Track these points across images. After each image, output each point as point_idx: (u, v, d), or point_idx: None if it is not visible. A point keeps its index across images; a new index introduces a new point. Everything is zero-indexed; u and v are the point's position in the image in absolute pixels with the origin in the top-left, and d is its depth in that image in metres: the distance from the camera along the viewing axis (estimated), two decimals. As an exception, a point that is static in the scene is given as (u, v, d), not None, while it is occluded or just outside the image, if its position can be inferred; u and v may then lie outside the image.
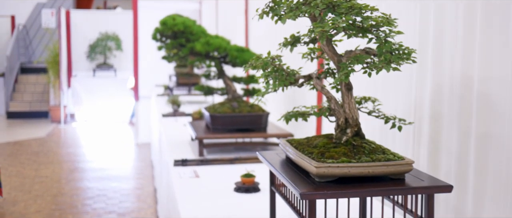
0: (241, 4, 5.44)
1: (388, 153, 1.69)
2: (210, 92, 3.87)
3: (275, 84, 1.79)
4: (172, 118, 4.94)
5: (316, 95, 3.31)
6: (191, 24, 3.61)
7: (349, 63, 1.65)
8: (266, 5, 1.85)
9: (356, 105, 1.78)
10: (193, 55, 3.69)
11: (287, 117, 1.96)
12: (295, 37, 1.89)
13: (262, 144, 3.42)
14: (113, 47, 12.42)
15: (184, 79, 6.44)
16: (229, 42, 3.78)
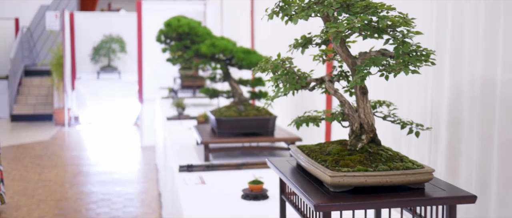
0: (246, 5, 5.35)
1: (407, 160, 1.60)
2: (216, 95, 3.78)
3: (285, 88, 1.70)
4: (177, 121, 4.86)
5: (325, 98, 3.21)
6: (196, 26, 3.52)
7: (365, 65, 1.56)
8: (276, 5, 1.75)
9: (371, 110, 1.69)
10: (198, 58, 3.60)
11: (297, 122, 1.86)
12: (307, 38, 1.79)
13: (269, 149, 3.32)
14: (117, 50, 12.35)
15: (189, 82, 6.36)
16: (235, 44, 3.69)
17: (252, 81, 3.75)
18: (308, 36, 1.81)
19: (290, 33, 3.90)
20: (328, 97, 3.16)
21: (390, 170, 1.52)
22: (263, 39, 4.85)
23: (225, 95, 3.75)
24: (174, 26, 3.54)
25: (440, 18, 1.96)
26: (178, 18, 3.62)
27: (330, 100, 3.15)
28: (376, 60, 1.55)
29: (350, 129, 1.72)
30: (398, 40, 1.54)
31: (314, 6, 1.61)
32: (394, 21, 1.54)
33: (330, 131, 3.18)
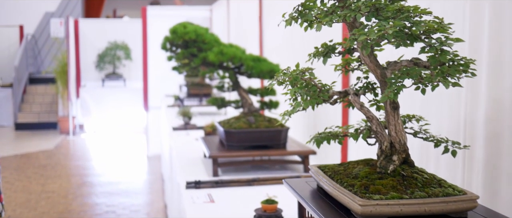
0: (254, 11, 5.17)
1: (445, 185, 1.41)
2: (224, 105, 3.59)
3: (306, 102, 1.51)
4: (183, 131, 4.67)
5: (340, 109, 3.02)
6: (203, 32, 3.34)
7: (398, 78, 1.37)
8: (294, 10, 1.57)
9: (403, 127, 1.50)
10: (206, 66, 3.42)
11: (318, 139, 1.68)
12: (328, 47, 1.61)
13: (281, 162, 3.13)
14: (122, 57, 12.19)
15: (195, 90, 6.18)
16: (244, 51, 3.51)
17: (263, 91, 3.56)
18: (330, 44, 1.61)
19: (301, 40, 3.72)
20: (344, 109, 2.98)
21: (429, 197, 1.33)
22: (273, 46, 4.67)
23: (234, 105, 3.57)
24: (180, 33, 3.36)
25: (475, 22, 1.77)
26: (184, 24, 3.44)
27: (347, 112, 2.96)
28: (411, 72, 1.36)
29: (378, 148, 1.54)
30: (435, 48, 1.35)
31: (339, 11, 1.42)
32: (430, 26, 1.36)
33: (347, 144, 2.99)
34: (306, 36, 3.61)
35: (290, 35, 3.99)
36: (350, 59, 1.69)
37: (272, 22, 4.62)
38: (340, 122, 3.05)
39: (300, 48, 3.76)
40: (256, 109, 3.36)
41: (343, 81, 2.94)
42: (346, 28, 2.87)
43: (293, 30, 3.99)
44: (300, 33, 3.74)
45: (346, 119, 3.00)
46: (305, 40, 3.64)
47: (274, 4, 4.58)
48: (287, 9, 1.57)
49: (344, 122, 2.99)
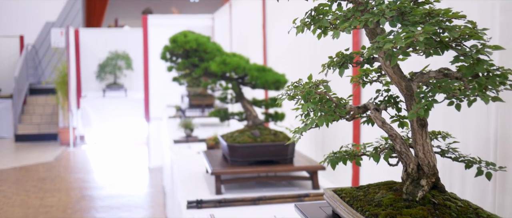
0: (258, 19, 5.01)
1: (483, 214, 1.22)
2: (227, 117, 3.41)
3: (320, 119, 1.33)
4: (185, 144, 4.49)
5: (350, 123, 2.84)
6: (204, 41, 3.17)
7: (428, 92, 1.19)
8: (307, 15, 1.39)
9: (432, 147, 1.31)
10: (208, 76, 3.24)
11: (332, 160, 1.49)
12: (345, 56, 1.42)
13: (288, 178, 2.95)
14: (123, 66, 12.03)
15: (197, 100, 6.01)
16: (248, 60, 3.34)
17: (267, 102, 3.38)
18: (347, 53, 1.44)
19: (308, 48, 3.54)
20: (355, 122, 2.79)
21: (466, 230, 1.15)
22: (277, 55, 4.49)
23: (238, 118, 3.39)
24: (180, 42, 3.18)
25: (507, 21, 1.58)
26: (185, 33, 3.27)
27: (357, 125, 2.78)
28: (444, 85, 1.18)
29: (403, 170, 1.35)
30: (470, 57, 1.17)
31: (359, 15, 1.24)
32: (464, 32, 1.18)
33: (359, 159, 2.80)
34: (313, 44, 3.44)
35: (296, 43, 3.82)
36: (368, 70, 1.51)
37: (276, 30, 4.45)
38: (350, 133, 2.87)
39: (306, 57, 3.58)
40: (261, 121, 3.18)
41: (354, 94, 2.76)
42: (357, 35, 2.70)
43: (299, 38, 3.82)
44: (306, 41, 3.56)
45: (357, 130, 2.82)
46: (312, 49, 3.46)
47: (278, 11, 4.41)
48: (292, 16, 1.42)
49: (356, 134, 2.80)
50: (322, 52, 3.23)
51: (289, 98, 1.40)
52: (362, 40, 2.63)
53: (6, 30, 13.70)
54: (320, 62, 3.34)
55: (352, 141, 2.84)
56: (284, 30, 4.17)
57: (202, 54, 3.20)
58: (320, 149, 3.37)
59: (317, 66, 3.34)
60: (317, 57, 3.35)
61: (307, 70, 3.57)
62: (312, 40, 3.47)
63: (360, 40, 2.64)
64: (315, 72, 3.44)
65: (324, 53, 3.21)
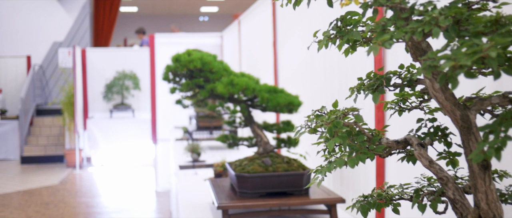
0: (268, 36, 4.73)
1: None
2: (235, 143, 3.12)
3: (351, 159, 1.03)
4: (191, 170, 4.20)
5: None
6: (210, 60, 2.89)
7: (498, 125, 0.89)
8: (332, 25, 1.11)
9: (497, 194, 1.01)
10: (214, 98, 2.96)
11: (364, 206, 1.20)
12: (380, 78, 1.13)
13: (304, 212, 2.65)
14: (131, 86, 11.79)
15: (205, 122, 5.73)
16: (258, 81, 3.06)
17: (279, 126, 3.09)
18: (385, 74, 1.14)
19: (323, 67, 3.26)
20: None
21: None
22: (289, 75, 4.21)
23: (247, 143, 3.10)
24: (183, 61, 2.91)
25: None
26: (189, 51, 3.00)
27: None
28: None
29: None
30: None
31: (402, 24, 0.95)
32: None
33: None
34: (329, 62, 3.15)
35: (310, 62, 3.54)
36: (407, 94, 1.21)
37: (288, 48, 4.18)
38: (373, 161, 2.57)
39: (322, 77, 3.29)
40: (272, 147, 2.89)
41: (377, 119, 2.47)
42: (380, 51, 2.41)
43: (313, 56, 3.54)
44: (321, 59, 3.28)
45: (383, 163, 2.52)
46: (327, 68, 3.18)
47: (290, 28, 4.14)
48: (304, 32, 1.20)
49: (379, 163, 2.50)
50: (339, 72, 2.95)
51: (311, 131, 1.11)
52: (386, 57, 2.34)
53: (14, 50, 13.54)
54: (337, 82, 3.06)
55: (376, 169, 2.54)
56: (297, 47, 3.89)
57: (207, 74, 2.93)
58: (339, 178, 3.07)
59: (333, 87, 3.05)
60: (333, 78, 3.06)
61: (323, 91, 3.28)
62: (327, 59, 3.18)
63: (384, 58, 2.35)
64: (332, 93, 3.15)
65: (341, 73, 2.92)
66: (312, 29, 3.51)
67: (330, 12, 3.17)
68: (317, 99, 3.37)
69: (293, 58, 4.02)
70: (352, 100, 1.27)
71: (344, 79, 2.87)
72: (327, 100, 3.19)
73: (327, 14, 3.22)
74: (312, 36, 3.26)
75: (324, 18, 3.29)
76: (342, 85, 2.91)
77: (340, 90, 2.94)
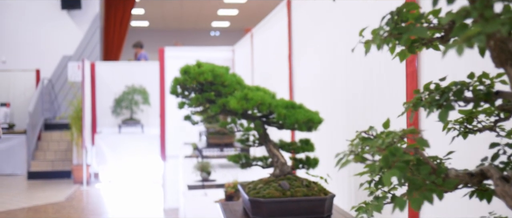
0: (283, 49, 4.48)
1: None
2: (249, 164, 2.85)
3: (415, 200, 0.76)
4: (200, 191, 3.94)
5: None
6: (222, 72, 2.64)
7: None
8: (385, 21, 0.84)
9: None
10: (226, 114, 2.70)
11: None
12: (443, 90, 0.86)
13: (325, 242, 2.37)
14: (140, 101, 11.56)
15: (215, 139, 5.47)
16: (274, 95, 2.79)
17: (296, 145, 2.82)
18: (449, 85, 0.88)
19: (345, 79, 2.99)
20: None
21: None
22: (305, 89, 3.94)
23: (261, 164, 2.83)
24: (193, 73, 2.66)
25: None
26: (199, 63, 2.74)
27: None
28: None
29: None
30: None
31: (491, 15, 0.69)
32: None
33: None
34: (351, 74, 2.89)
35: (330, 75, 3.27)
36: (477, 112, 0.94)
37: (305, 60, 3.92)
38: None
39: (343, 91, 3.03)
40: (290, 169, 2.62)
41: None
42: (414, 61, 2.15)
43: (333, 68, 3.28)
44: (342, 71, 3.01)
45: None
46: (350, 80, 2.91)
47: (306, 40, 3.89)
48: (323, 44, 0.97)
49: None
50: (364, 85, 2.68)
51: (357, 159, 0.84)
52: (421, 63, 2.07)
53: (23, 63, 13.40)
54: (361, 97, 2.79)
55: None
56: (314, 60, 3.63)
57: (219, 87, 2.67)
58: (361, 198, 2.78)
59: (357, 103, 2.78)
60: (357, 92, 2.79)
61: (344, 107, 3.01)
62: (349, 71, 2.92)
63: (419, 65, 2.08)
64: (355, 109, 2.87)
65: (367, 86, 2.65)
66: (331, 40, 3.26)
67: (350, 24, 2.91)
68: (337, 115, 3.10)
69: (310, 71, 3.76)
70: (376, 117, 1.00)
71: (370, 94, 2.60)
72: (350, 117, 2.92)
73: (346, 25, 2.96)
74: (330, 48, 2.94)
75: (343, 30, 3.03)
76: (368, 101, 2.64)
77: (365, 106, 2.67)
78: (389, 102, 2.36)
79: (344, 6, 2.98)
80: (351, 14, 2.86)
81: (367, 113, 2.64)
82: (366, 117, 2.65)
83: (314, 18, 3.65)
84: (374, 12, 2.57)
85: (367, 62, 2.63)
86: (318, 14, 3.54)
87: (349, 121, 2.92)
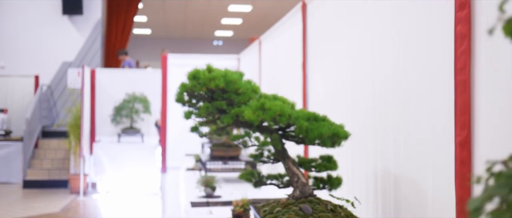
0: (296, 56, 4.16)
1: None
2: (263, 183, 2.53)
3: None
4: (205, 209, 3.61)
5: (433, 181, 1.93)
6: (236, 78, 2.32)
7: None
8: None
9: None
10: (239, 126, 2.38)
11: None
12: None
13: None
14: (141, 110, 11.22)
15: (220, 152, 5.13)
16: (294, 105, 2.47)
17: (317, 162, 2.49)
18: None
19: (371, 89, 2.66)
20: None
21: None
22: (321, 101, 3.62)
23: (277, 183, 2.50)
24: (203, 79, 2.33)
25: None
26: (210, 67, 2.42)
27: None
28: None
29: None
30: None
31: None
32: None
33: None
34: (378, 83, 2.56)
35: (352, 83, 2.94)
36: None
37: (321, 69, 3.60)
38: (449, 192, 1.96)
39: (368, 103, 2.70)
40: (312, 190, 2.29)
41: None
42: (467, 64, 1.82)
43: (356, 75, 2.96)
44: (367, 79, 2.69)
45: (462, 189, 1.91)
46: (377, 90, 2.58)
47: (323, 46, 3.57)
48: (342, 52, 0.72)
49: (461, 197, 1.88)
50: (396, 97, 2.35)
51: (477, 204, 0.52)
52: (476, 71, 1.74)
53: (22, 69, 13.07)
54: (392, 108, 2.46)
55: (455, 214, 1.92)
56: (332, 67, 3.31)
57: (232, 96, 2.35)
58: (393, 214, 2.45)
59: (385, 115, 2.45)
60: (386, 103, 2.47)
61: (369, 121, 2.68)
62: (376, 79, 2.60)
63: (473, 72, 1.75)
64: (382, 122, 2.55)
65: (399, 98, 2.32)
66: (354, 46, 2.94)
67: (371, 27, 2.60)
68: (360, 130, 2.77)
69: (328, 80, 3.44)
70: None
71: (404, 106, 2.27)
72: (377, 133, 2.59)
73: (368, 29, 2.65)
74: (352, 54, 2.57)
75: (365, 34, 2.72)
76: (401, 114, 2.31)
77: (397, 120, 2.34)
78: (430, 116, 2.04)
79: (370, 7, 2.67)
80: (380, 16, 2.55)
81: (400, 128, 2.31)
82: (399, 132, 2.32)
83: (333, 22, 3.33)
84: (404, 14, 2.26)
85: (400, 68, 2.31)
86: (338, 17, 3.22)
87: (377, 137, 2.59)
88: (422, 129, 2.10)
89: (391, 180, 2.40)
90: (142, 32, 21.56)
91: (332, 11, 3.32)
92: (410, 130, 2.21)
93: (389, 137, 2.44)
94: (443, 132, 1.93)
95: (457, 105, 1.82)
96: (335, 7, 3.27)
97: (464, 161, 1.77)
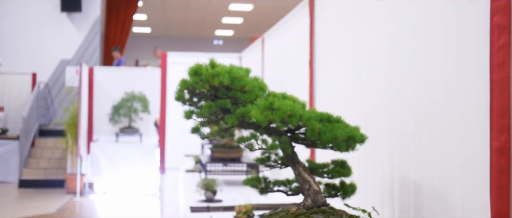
0: (303, 53, 3.95)
1: None
2: (269, 190, 2.31)
3: None
4: (206, 214, 3.39)
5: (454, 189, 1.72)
6: (242, 75, 2.11)
7: None
8: None
9: None
10: (245, 127, 2.16)
11: None
12: None
13: None
14: (140, 109, 11.00)
15: (221, 153, 4.91)
16: (305, 105, 2.25)
17: (329, 168, 2.28)
18: None
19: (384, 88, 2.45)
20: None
21: None
22: (330, 101, 3.41)
23: (286, 189, 2.29)
24: (206, 75, 2.12)
25: None
26: (213, 62, 2.21)
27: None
28: None
29: None
30: None
31: None
32: None
33: None
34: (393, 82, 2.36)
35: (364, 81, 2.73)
36: None
37: (330, 66, 3.39)
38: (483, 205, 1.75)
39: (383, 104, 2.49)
40: (325, 199, 2.08)
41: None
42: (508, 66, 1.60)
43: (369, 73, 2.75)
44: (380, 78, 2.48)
45: None
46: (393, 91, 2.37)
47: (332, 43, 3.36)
48: (352, 48, 0.58)
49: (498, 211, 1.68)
50: (418, 97, 2.14)
51: None
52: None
53: (20, 67, 12.84)
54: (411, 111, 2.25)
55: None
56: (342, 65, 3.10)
57: (237, 94, 2.13)
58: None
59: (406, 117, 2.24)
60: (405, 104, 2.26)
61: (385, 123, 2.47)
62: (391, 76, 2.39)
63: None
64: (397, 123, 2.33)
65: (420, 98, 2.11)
66: (362, 42, 2.73)
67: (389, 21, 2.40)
68: (374, 133, 2.55)
69: (338, 78, 3.23)
70: None
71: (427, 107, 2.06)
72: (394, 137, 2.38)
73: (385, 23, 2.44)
74: (366, 51, 2.31)
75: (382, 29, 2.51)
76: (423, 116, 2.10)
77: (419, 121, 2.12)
78: (460, 119, 1.83)
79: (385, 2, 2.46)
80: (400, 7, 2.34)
81: (422, 131, 2.10)
82: (420, 136, 2.11)
83: (345, 17, 3.12)
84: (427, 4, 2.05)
85: (423, 66, 2.09)
86: (351, 11, 3.01)
87: (393, 141, 2.38)
88: (450, 133, 1.89)
89: (410, 189, 2.19)
90: (142, 31, 21.35)
91: (344, 5, 3.11)
92: (434, 133, 2.00)
93: (408, 141, 2.23)
94: (475, 136, 1.72)
95: (494, 106, 1.61)
96: (347, 1, 3.06)
97: (503, 170, 1.56)
